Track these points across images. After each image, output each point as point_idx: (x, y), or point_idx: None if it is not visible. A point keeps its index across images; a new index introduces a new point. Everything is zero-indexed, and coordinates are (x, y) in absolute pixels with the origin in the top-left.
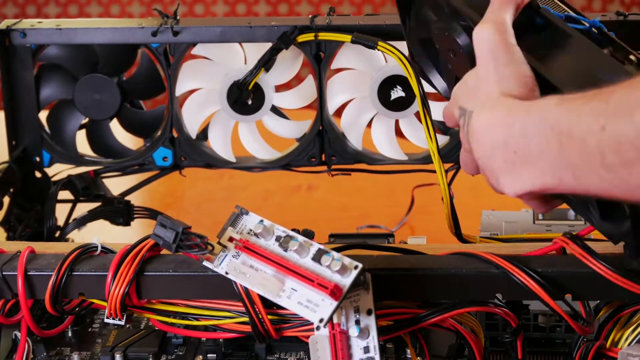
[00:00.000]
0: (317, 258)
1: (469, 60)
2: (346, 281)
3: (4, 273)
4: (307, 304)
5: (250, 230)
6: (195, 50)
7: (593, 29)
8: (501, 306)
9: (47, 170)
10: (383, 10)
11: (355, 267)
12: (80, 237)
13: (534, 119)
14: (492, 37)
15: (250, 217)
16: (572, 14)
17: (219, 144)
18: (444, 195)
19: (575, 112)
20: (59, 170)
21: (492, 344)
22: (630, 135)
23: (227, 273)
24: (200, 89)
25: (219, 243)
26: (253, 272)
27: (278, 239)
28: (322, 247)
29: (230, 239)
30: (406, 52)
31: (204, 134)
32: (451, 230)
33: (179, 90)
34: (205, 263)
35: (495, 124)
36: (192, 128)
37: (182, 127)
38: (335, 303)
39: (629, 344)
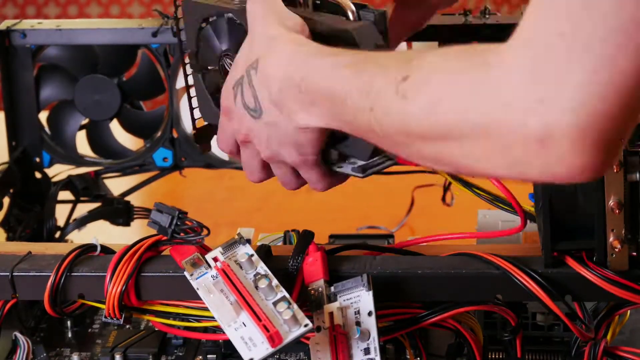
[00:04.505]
0: (276, 303)
1: None
2: (290, 334)
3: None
4: (248, 341)
5: (237, 259)
6: None
7: None
8: (500, 305)
9: (47, 170)
10: None
11: (305, 325)
12: (80, 237)
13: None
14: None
15: (244, 248)
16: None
17: None
18: None
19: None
20: (59, 171)
21: (491, 343)
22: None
23: (197, 289)
24: None
25: (204, 257)
26: (218, 295)
27: (256, 275)
28: (286, 295)
29: (215, 259)
30: None
31: None
32: None
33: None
34: (185, 273)
35: (286, 59)
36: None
37: (183, 127)
38: (270, 349)
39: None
